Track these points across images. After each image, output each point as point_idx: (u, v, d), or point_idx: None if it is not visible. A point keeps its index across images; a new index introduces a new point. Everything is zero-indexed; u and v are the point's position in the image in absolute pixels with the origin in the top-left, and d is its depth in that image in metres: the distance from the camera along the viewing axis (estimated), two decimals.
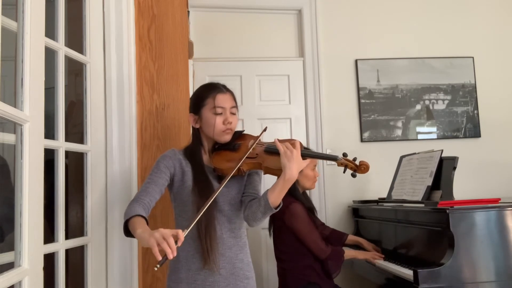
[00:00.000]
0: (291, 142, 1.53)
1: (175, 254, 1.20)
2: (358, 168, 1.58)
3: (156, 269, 1.19)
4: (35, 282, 1.21)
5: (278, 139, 1.56)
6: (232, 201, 1.63)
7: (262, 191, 1.64)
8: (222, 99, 1.64)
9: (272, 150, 1.59)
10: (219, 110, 1.62)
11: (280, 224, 2.40)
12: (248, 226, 1.64)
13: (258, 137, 1.67)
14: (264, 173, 1.64)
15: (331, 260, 2.38)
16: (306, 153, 1.59)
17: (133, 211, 1.42)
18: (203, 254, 1.54)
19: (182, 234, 1.23)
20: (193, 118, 1.68)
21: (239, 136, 1.72)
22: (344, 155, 1.61)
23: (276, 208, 1.51)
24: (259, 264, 3.23)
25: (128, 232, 1.41)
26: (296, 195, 2.42)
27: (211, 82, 1.73)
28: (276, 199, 1.50)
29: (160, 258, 1.19)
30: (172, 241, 1.21)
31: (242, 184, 1.66)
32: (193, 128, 1.72)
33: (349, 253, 2.51)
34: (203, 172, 1.61)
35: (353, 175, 1.57)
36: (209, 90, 1.66)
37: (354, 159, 1.59)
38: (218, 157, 1.65)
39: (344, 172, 1.61)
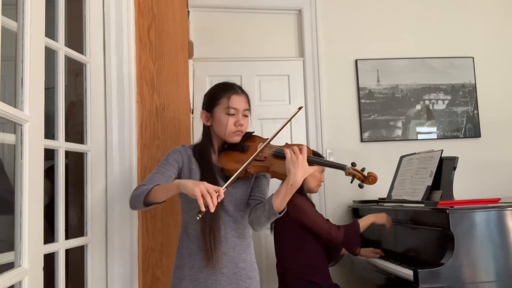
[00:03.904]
0: (299, 147, 1.52)
1: (213, 209, 1.29)
2: (365, 179, 1.57)
3: (198, 218, 1.31)
4: (35, 282, 1.21)
5: (286, 143, 1.56)
6: (237, 202, 1.63)
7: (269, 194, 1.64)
8: (236, 101, 1.63)
9: (280, 155, 1.58)
10: (232, 111, 1.62)
11: (283, 221, 2.39)
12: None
13: (287, 122, 1.64)
14: (271, 177, 1.64)
15: (349, 241, 2.35)
16: (313, 160, 1.58)
17: (146, 188, 1.44)
18: (206, 253, 1.55)
19: (222, 191, 1.32)
20: (205, 115, 1.69)
21: (248, 137, 1.72)
22: (353, 164, 1.60)
23: (280, 213, 1.52)
24: (259, 264, 3.19)
25: (147, 205, 1.44)
26: (300, 189, 2.41)
27: (227, 81, 1.72)
28: (280, 204, 1.50)
29: (204, 209, 1.28)
30: (215, 197, 1.30)
31: (248, 186, 1.66)
32: (204, 126, 1.71)
33: (365, 222, 2.43)
34: (211, 171, 1.61)
35: (360, 186, 1.57)
36: (225, 90, 1.66)
37: (363, 170, 1.58)
38: (226, 157, 1.65)
39: (351, 182, 1.61)
